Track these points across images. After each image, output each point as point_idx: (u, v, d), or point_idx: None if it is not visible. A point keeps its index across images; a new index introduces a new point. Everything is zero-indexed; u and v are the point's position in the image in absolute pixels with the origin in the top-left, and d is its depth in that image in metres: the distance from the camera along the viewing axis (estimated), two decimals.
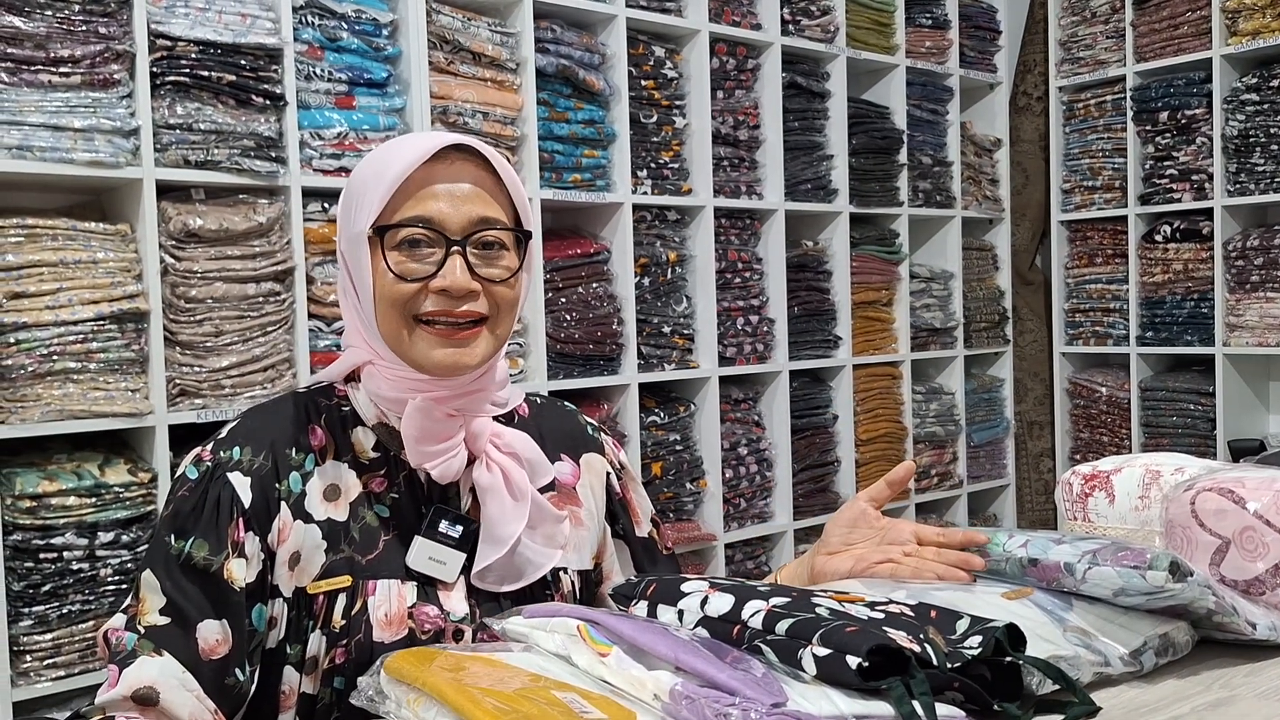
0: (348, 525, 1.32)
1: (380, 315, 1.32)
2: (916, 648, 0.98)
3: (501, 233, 1.33)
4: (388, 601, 1.29)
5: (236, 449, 1.31)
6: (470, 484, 1.36)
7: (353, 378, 1.40)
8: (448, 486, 1.37)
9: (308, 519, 1.30)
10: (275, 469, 1.31)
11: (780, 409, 3.89)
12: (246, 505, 1.28)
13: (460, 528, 1.33)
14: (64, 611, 2.47)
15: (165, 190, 2.67)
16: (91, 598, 2.50)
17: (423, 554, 1.32)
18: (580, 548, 1.46)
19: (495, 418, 1.40)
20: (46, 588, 2.45)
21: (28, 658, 2.46)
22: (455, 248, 1.30)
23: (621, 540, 1.53)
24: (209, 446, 1.33)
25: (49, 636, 2.47)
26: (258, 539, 1.28)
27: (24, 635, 2.45)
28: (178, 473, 1.33)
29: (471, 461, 1.36)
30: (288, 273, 2.79)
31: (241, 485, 1.29)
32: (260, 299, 2.75)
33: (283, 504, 1.30)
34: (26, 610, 2.44)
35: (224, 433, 1.34)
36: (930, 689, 0.95)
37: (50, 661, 2.48)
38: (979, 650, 1.01)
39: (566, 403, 1.60)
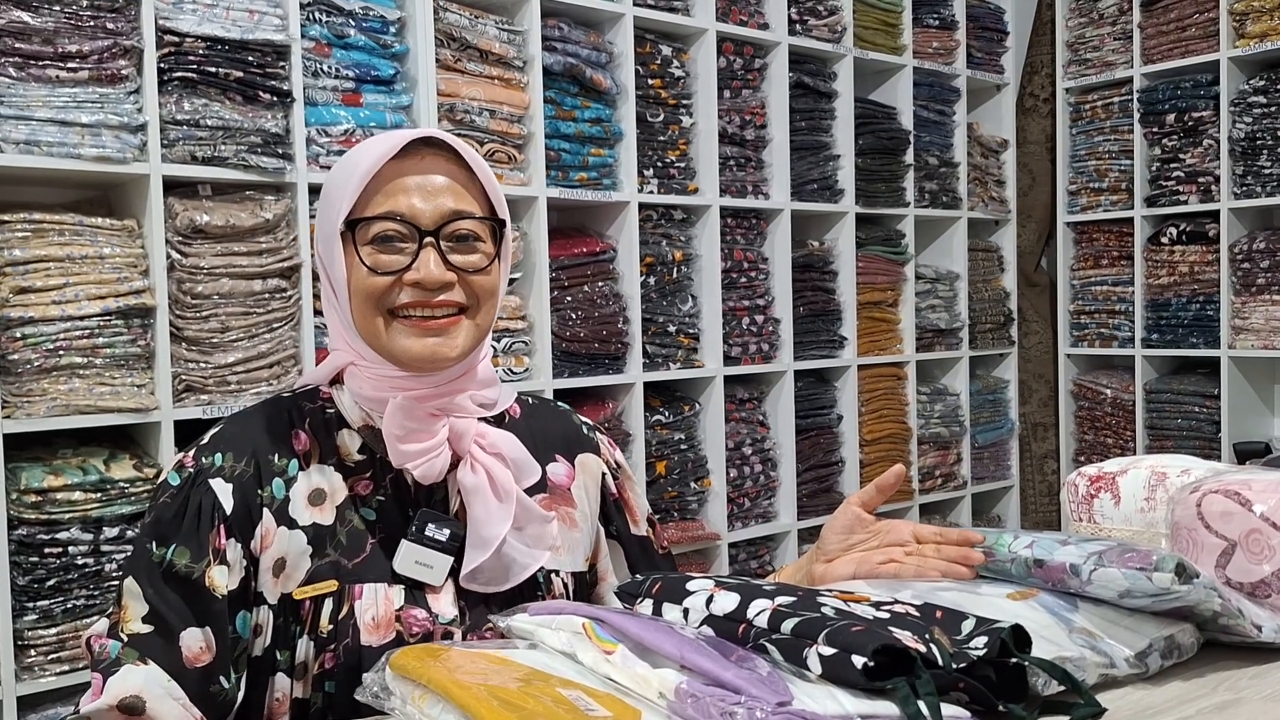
0: (334, 529, 1.31)
1: (356, 311, 1.32)
2: (922, 648, 0.98)
3: (475, 224, 1.34)
4: (375, 605, 1.28)
5: (218, 455, 1.30)
6: (458, 485, 1.35)
7: (338, 380, 1.39)
8: (435, 488, 1.36)
9: (292, 525, 1.29)
10: (257, 475, 1.30)
11: (785, 409, 3.89)
12: (228, 512, 1.27)
13: (447, 530, 1.32)
14: (68, 606, 2.48)
15: (172, 186, 2.67)
16: (96, 593, 2.50)
17: (409, 558, 1.31)
18: (574, 549, 1.45)
19: (485, 419, 1.39)
20: (51, 582, 2.45)
21: (32, 652, 2.46)
22: (428, 240, 1.30)
23: (615, 540, 1.52)
24: (191, 453, 1.32)
25: (53, 631, 2.47)
26: (240, 546, 1.27)
27: (28, 630, 2.45)
28: (160, 479, 1.31)
29: (457, 463, 1.35)
30: (294, 269, 2.79)
31: (223, 492, 1.28)
32: (266, 295, 2.75)
33: (265, 510, 1.29)
34: (31, 605, 2.45)
35: (206, 439, 1.34)
36: (935, 689, 0.95)
37: (54, 656, 2.48)
38: (984, 651, 1.01)
39: (561, 403, 1.59)
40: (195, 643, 1.24)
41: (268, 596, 1.28)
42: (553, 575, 1.41)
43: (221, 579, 1.25)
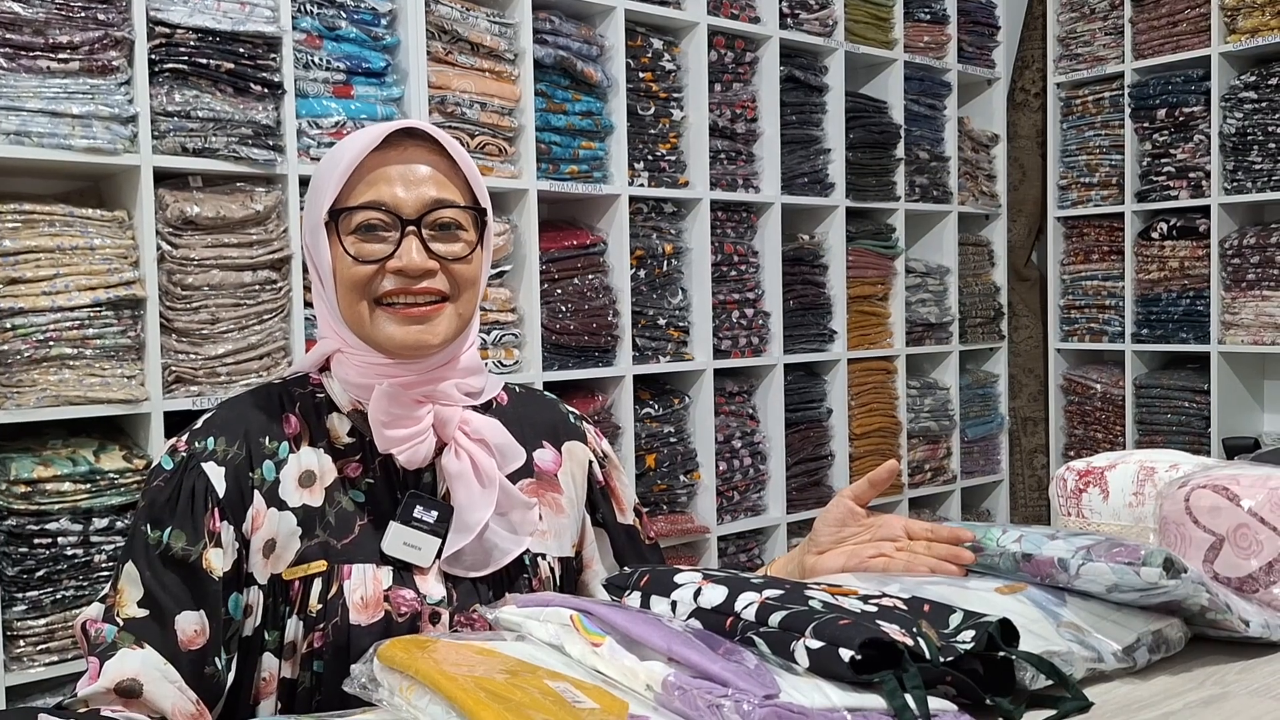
0: (323, 510, 1.33)
1: (342, 299, 1.34)
2: (909, 641, 0.99)
3: (457, 212, 1.36)
4: (363, 585, 1.30)
5: (211, 439, 1.32)
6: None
7: (327, 367, 1.41)
8: (422, 472, 1.38)
9: (282, 506, 1.31)
10: (249, 458, 1.32)
11: (775, 402, 3.89)
12: (221, 495, 1.29)
13: (435, 513, 1.34)
14: (58, 597, 2.47)
15: (163, 177, 2.66)
16: (85, 584, 2.50)
17: (397, 539, 1.33)
18: (560, 535, 1.47)
19: (472, 407, 1.41)
20: (40, 573, 2.45)
21: (21, 643, 2.45)
22: (410, 228, 1.32)
23: (601, 528, 1.54)
24: (184, 438, 1.34)
25: (42, 622, 2.47)
26: (233, 528, 1.29)
27: (17, 620, 2.45)
28: (153, 464, 1.33)
29: (443, 449, 1.37)
30: (284, 261, 2.79)
31: (216, 475, 1.30)
32: (257, 287, 2.75)
33: (256, 492, 1.31)
34: (20, 595, 2.44)
35: (199, 424, 1.36)
36: (923, 683, 0.95)
37: (44, 647, 2.48)
38: (972, 644, 1.02)
39: (548, 393, 1.62)
40: (190, 626, 1.25)
41: (258, 577, 1.30)
42: (539, 559, 1.43)
43: (217, 561, 1.27)
